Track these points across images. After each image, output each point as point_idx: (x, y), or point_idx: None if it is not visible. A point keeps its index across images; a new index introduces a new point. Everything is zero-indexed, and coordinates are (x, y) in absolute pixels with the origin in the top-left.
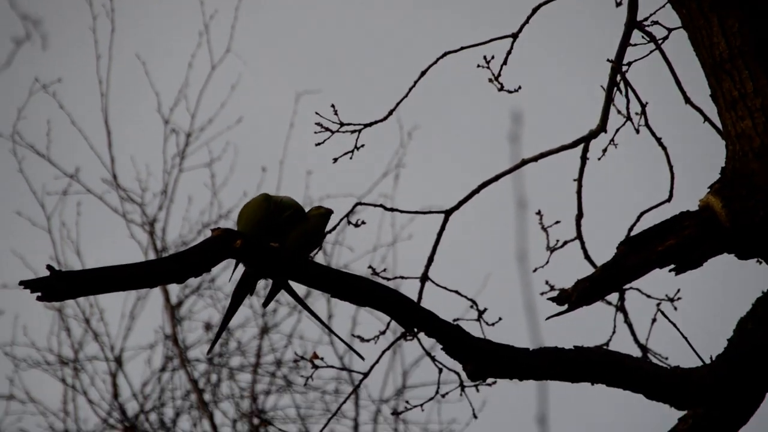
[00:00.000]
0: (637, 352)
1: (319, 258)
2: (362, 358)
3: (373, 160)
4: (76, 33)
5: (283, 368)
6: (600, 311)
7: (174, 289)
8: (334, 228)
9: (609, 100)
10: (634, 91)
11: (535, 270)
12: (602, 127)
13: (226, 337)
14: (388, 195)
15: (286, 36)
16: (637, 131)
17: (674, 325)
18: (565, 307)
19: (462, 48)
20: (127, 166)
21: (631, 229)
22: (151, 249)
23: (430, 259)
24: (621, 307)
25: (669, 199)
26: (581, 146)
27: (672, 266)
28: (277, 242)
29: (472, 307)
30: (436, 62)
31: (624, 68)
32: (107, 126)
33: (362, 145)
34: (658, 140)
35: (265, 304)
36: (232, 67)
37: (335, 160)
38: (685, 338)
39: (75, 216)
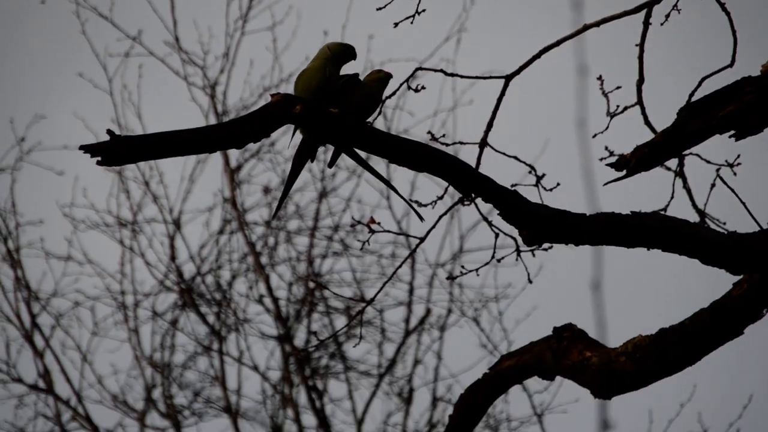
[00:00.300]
0: (695, 218)
1: (379, 123)
2: (422, 218)
3: (435, 25)
4: None
5: (340, 232)
6: (658, 177)
7: (233, 153)
8: (394, 93)
9: None
10: None
11: (594, 136)
12: None
13: (285, 201)
14: (449, 60)
15: None
16: None
17: (732, 190)
18: (624, 172)
19: None
20: (190, 29)
21: (692, 95)
22: (212, 112)
23: (490, 125)
24: (680, 173)
25: (731, 65)
26: (644, 12)
27: (732, 132)
28: (336, 108)
29: (530, 172)
30: None
31: None
32: None
33: (423, 10)
34: (722, 5)
35: (330, 165)
36: None
37: (396, 24)
38: (743, 203)
39: (137, 79)
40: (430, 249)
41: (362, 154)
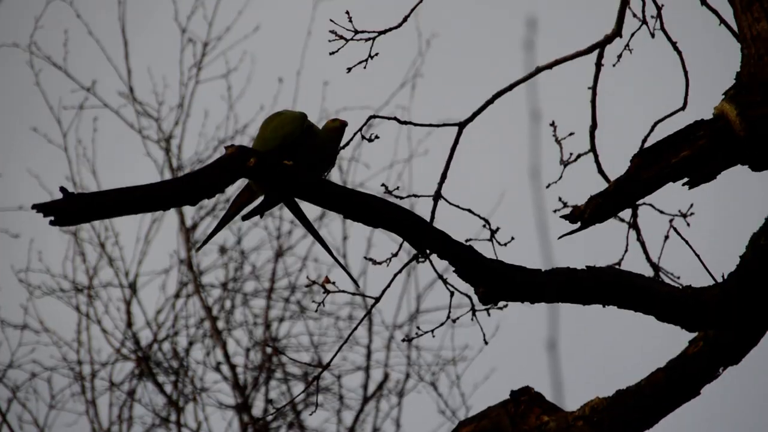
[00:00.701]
0: (649, 271)
1: (335, 175)
2: (357, 283)
3: (391, 71)
4: None
5: (296, 293)
6: (612, 228)
7: (189, 211)
8: (348, 143)
9: (625, 3)
10: None
11: (548, 186)
12: (617, 32)
13: (241, 262)
14: (405, 107)
15: None
16: (653, 35)
17: (686, 242)
18: (578, 225)
19: None
20: (144, 77)
21: (645, 140)
22: (167, 167)
23: (443, 176)
24: (634, 224)
25: (683, 108)
26: (596, 52)
27: (685, 180)
28: (291, 160)
29: (484, 226)
30: None
31: None
32: (124, 36)
33: (376, 54)
34: (674, 44)
35: (261, 215)
36: None
37: (349, 69)
38: (698, 255)
39: (91, 132)
40: (388, 309)
41: (316, 211)
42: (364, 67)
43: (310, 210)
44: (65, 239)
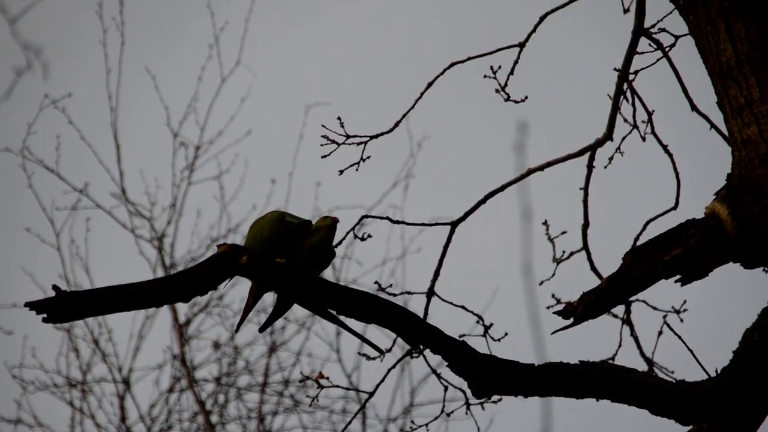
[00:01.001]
0: (643, 366)
1: (328, 273)
2: (381, 351)
3: (383, 171)
4: (86, 47)
5: (290, 387)
6: (606, 324)
7: (182, 307)
8: (340, 242)
9: (615, 109)
10: (640, 99)
11: (541, 283)
12: (608, 136)
13: (234, 356)
14: (397, 206)
15: (295, 48)
16: (644, 139)
17: (680, 337)
18: (571, 320)
19: (469, 58)
20: (136, 180)
21: (637, 239)
22: (160, 265)
23: (436, 273)
24: (627, 320)
25: (675, 207)
26: (587, 155)
27: (678, 277)
28: (284, 257)
29: (478, 322)
30: (443, 73)
31: (631, 76)
32: (116, 140)
33: (368, 157)
34: (665, 148)
35: (261, 330)
36: (241, 79)
37: (341, 172)
38: (691, 351)
39: (84, 232)
40: (381, 403)
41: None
42: (356, 170)
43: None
44: (59, 336)
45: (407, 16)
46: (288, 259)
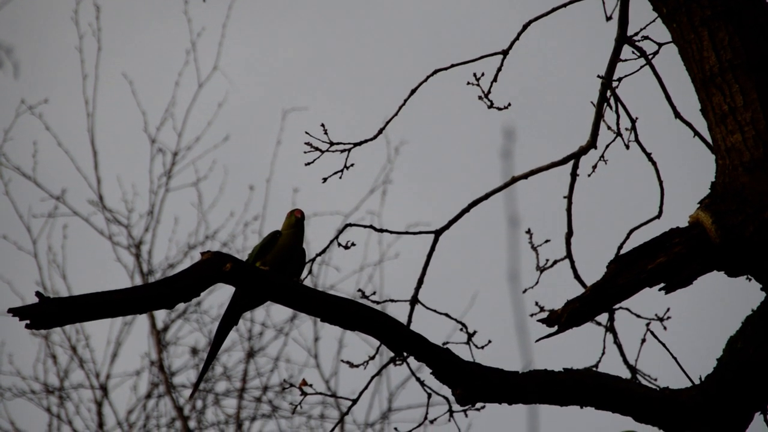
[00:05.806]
0: (626, 373)
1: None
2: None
3: (360, 176)
4: (62, 53)
5: (269, 393)
6: (590, 331)
7: (160, 313)
8: (324, 250)
9: (599, 116)
10: (624, 106)
11: (525, 291)
12: (592, 143)
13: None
14: (375, 212)
15: (272, 53)
16: (627, 147)
17: (663, 345)
18: (555, 328)
19: (452, 65)
20: (114, 186)
21: (620, 247)
22: (138, 272)
23: (420, 281)
24: (611, 328)
25: (659, 216)
26: (571, 162)
27: (661, 285)
28: (265, 264)
29: (461, 329)
30: (426, 80)
31: (614, 84)
32: (93, 146)
33: (352, 164)
34: (648, 155)
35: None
36: (219, 85)
37: (325, 179)
38: (675, 358)
39: (61, 239)
40: (359, 408)
41: (287, 314)
42: (340, 177)
43: (284, 311)
44: (36, 342)
45: (389, 22)
46: (270, 265)
